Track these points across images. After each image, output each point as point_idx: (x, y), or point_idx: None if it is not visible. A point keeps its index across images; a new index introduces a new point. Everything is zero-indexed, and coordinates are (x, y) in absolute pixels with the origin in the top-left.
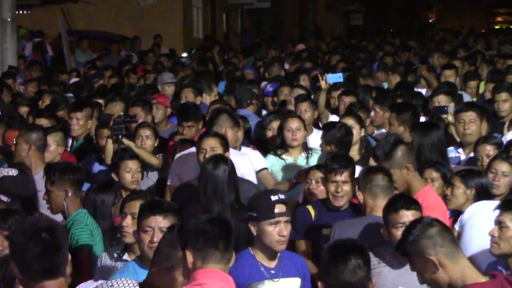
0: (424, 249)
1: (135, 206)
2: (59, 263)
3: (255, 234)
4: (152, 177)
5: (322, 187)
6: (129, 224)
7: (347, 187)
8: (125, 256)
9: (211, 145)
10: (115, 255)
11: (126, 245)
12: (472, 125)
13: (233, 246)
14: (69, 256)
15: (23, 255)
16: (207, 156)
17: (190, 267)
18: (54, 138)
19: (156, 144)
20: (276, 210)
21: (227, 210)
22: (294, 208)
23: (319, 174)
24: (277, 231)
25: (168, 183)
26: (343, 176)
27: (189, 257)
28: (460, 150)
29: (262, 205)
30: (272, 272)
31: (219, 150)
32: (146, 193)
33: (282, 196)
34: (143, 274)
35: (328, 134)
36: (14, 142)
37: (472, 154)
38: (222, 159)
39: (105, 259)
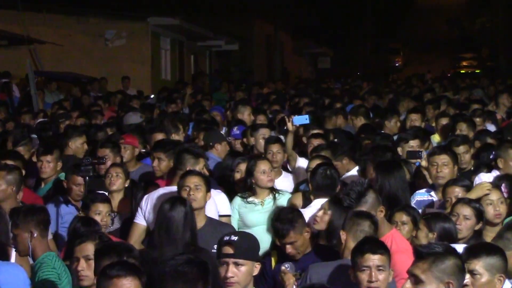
0: None
1: (87, 248)
2: None
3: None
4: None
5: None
6: (84, 267)
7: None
8: None
9: (196, 183)
10: None
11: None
12: (445, 168)
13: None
14: None
15: None
16: (191, 193)
17: None
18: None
19: (126, 185)
20: (223, 251)
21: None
22: None
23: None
24: (223, 272)
25: (134, 220)
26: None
27: None
28: (433, 193)
29: (217, 246)
30: None
31: (203, 188)
32: (95, 234)
33: (233, 238)
34: None
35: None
36: None
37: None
38: (180, 201)
39: None
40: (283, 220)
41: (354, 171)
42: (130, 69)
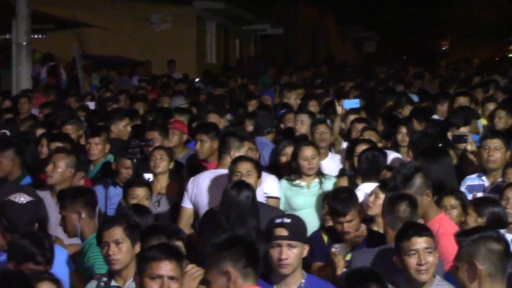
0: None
1: (115, 233)
2: None
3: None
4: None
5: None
6: (115, 251)
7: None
8: (113, 283)
9: (247, 169)
10: (102, 284)
11: (111, 272)
12: (497, 152)
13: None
14: None
15: None
16: (242, 179)
17: (229, 286)
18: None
19: (171, 167)
20: (276, 233)
21: (252, 235)
22: None
23: None
24: (277, 254)
25: (182, 204)
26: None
27: (232, 275)
28: (484, 177)
29: (267, 228)
30: None
31: (254, 174)
32: (123, 218)
33: (286, 220)
34: None
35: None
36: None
37: (499, 179)
38: (245, 185)
39: None
40: (343, 198)
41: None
42: (176, 53)
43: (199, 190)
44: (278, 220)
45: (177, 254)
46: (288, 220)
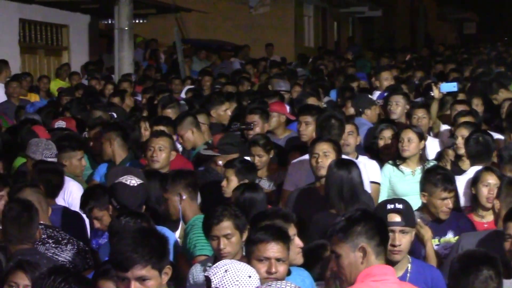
0: None
1: (225, 226)
2: None
3: None
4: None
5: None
6: (226, 245)
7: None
8: None
9: (324, 150)
10: (207, 269)
11: (217, 257)
12: None
13: None
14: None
15: None
16: (319, 160)
17: (362, 263)
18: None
19: (271, 155)
20: (389, 219)
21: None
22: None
23: None
24: (390, 240)
25: (284, 187)
26: (453, 192)
27: (367, 252)
28: None
29: (378, 213)
30: None
31: (332, 155)
32: (230, 210)
33: (398, 206)
34: None
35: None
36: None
37: None
38: (353, 164)
39: (197, 274)
40: (444, 174)
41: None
42: (274, 36)
43: (303, 172)
44: (390, 206)
45: (284, 235)
46: (400, 206)
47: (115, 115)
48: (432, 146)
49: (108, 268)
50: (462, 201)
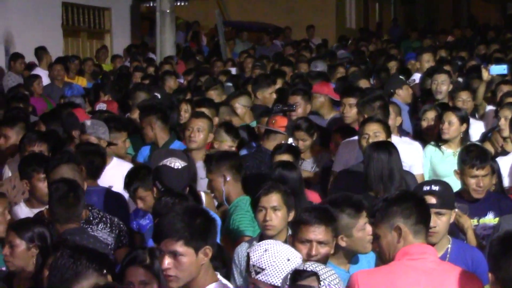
0: None
1: (273, 199)
2: None
3: None
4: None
5: None
6: (272, 217)
7: (487, 181)
8: None
9: (374, 130)
10: None
11: (262, 236)
12: None
13: None
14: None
15: None
16: (370, 141)
17: (399, 242)
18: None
19: (314, 138)
20: None
21: None
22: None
23: None
24: None
25: (333, 168)
26: (484, 170)
27: (403, 231)
28: None
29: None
30: None
31: (382, 136)
32: (278, 185)
33: (434, 187)
34: None
35: None
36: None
37: None
38: (392, 145)
39: (242, 254)
40: (476, 152)
41: None
42: (315, 18)
43: (353, 153)
44: (426, 188)
45: (328, 218)
46: (436, 188)
47: (159, 96)
48: (477, 128)
49: (136, 254)
50: (507, 182)
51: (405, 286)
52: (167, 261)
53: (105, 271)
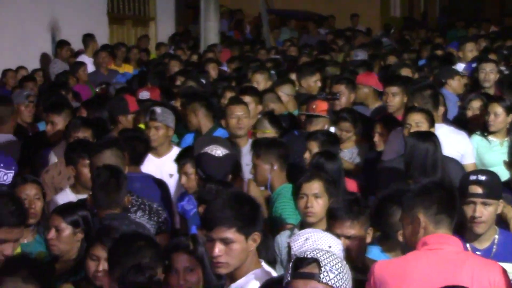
0: None
1: (315, 186)
2: None
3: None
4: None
5: None
6: (313, 204)
7: None
8: None
9: (416, 120)
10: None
11: (303, 224)
12: None
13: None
14: None
15: None
16: (411, 131)
17: (421, 232)
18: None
19: (358, 128)
20: (470, 191)
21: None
22: None
23: None
24: (471, 212)
25: (382, 157)
26: None
27: (422, 222)
28: None
29: (461, 184)
30: (478, 253)
31: (424, 126)
32: (319, 173)
33: (481, 177)
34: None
35: None
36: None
37: None
38: (434, 135)
39: (282, 243)
40: None
41: None
42: (359, 6)
43: (402, 141)
44: (473, 177)
45: (355, 212)
46: (483, 178)
47: (204, 81)
48: None
49: (179, 241)
50: None
51: (414, 275)
52: (219, 248)
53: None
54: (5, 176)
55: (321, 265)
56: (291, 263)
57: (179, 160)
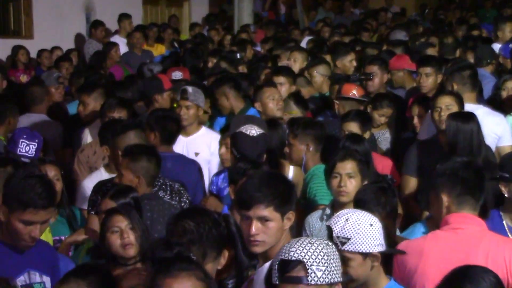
0: None
1: (348, 166)
2: None
3: (506, 195)
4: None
5: None
6: (346, 183)
7: None
8: None
9: (447, 103)
10: (325, 217)
11: (335, 204)
12: None
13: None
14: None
15: None
16: (441, 114)
17: (444, 211)
18: None
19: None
20: None
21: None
22: None
23: None
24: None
25: (418, 136)
26: None
27: (445, 201)
28: None
29: (501, 163)
30: None
31: (455, 108)
32: (355, 153)
33: None
34: None
35: None
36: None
37: None
38: (475, 116)
39: (313, 223)
40: None
41: None
42: None
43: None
44: None
45: (385, 203)
46: None
47: (238, 55)
48: None
49: None
50: None
51: (431, 254)
52: (256, 227)
53: None
54: (27, 147)
55: (307, 266)
56: (276, 265)
57: (224, 130)
